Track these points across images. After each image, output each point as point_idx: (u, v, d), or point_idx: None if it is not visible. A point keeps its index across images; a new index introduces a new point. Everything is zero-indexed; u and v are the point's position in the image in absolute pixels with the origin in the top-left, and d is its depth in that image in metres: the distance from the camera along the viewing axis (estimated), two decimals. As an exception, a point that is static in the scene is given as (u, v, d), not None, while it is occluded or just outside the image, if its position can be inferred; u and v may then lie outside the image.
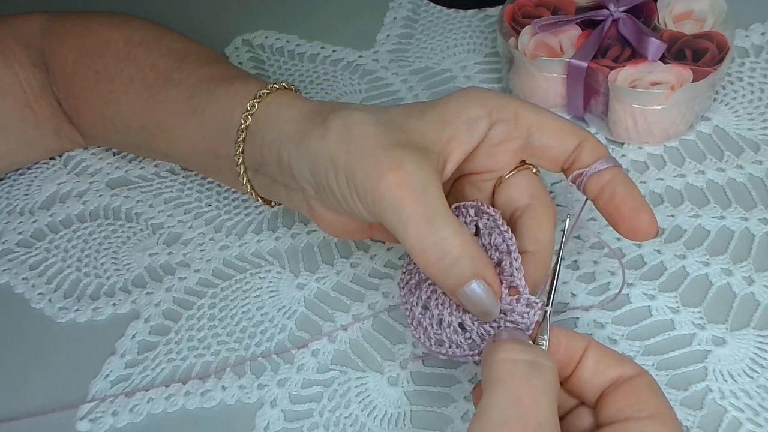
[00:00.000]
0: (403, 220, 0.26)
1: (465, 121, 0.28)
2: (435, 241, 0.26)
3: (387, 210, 0.26)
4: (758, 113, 0.41)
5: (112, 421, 0.33)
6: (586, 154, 0.29)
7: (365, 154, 0.27)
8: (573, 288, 0.35)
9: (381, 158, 0.26)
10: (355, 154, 0.27)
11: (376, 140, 0.27)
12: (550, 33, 0.41)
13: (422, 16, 0.52)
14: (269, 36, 0.52)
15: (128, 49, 0.38)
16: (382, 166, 0.26)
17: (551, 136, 0.29)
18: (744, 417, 0.29)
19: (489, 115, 0.29)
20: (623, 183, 0.28)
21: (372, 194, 0.26)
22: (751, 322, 0.32)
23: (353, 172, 0.27)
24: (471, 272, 0.26)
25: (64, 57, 0.40)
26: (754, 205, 0.37)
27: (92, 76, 0.39)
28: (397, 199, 0.26)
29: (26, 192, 0.44)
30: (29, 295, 0.39)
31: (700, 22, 0.41)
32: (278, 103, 0.31)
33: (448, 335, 0.28)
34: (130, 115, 0.38)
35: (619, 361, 0.25)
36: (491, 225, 0.28)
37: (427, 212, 0.26)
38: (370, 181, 0.26)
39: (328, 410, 0.32)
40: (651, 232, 0.28)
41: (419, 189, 0.26)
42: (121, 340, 0.36)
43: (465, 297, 0.26)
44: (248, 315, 0.36)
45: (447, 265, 0.26)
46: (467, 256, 0.26)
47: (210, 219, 0.41)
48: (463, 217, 0.29)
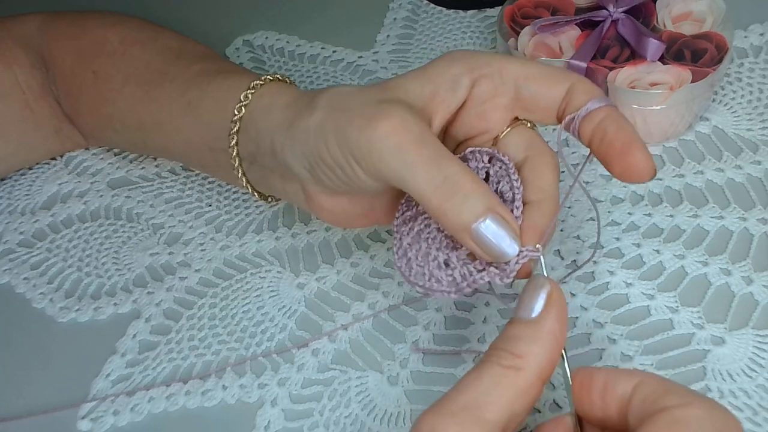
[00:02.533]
0: (407, 163, 0.25)
1: (447, 79, 0.28)
2: (445, 177, 0.25)
3: (388, 159, 0.25)
4: (757, 114, 0.41)
5: (113, 421, 0.33)
6: (578, 97, 0.27)
7: (353, 115, 0.27)
8: (573, 288, 0.35)
9: (370, 112, 0.26)
10: (343, 117, 0.27)
11: (362, 101, 0.27)
12: (550, 33, 0.41)
13: (422, 16, 0.52)
14: (270, 37, 0.52)
15: (124, 48, 0.38)
16: (374, 118, 0.26)
17: (539, 84, 0.28)
18: (743, 416, 0.30)
19: (471, 71, 0.28)
20: (615, 120, 0.26)
21: (369, 149, 0.26)
22: (749, 321, 0.32)
23: (345, 134, 0.27)
24: (484, 206, 0.25)
25: (62, 58, 0.40)
26: (753, 205, 0.37)
27: (90, 77, 0.39)
28: (396, 145, 0.25)
29: (27, 192, 0.44)
30: (30, 294, 0.39)
31: (699, 23, 0.41)
32: (271, 94, 0.32)
33: (430, 269, 0.27)
34: (127, 114, 0.38)
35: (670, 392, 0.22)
36: (502, 173, 0.28)
37: (430, 153, 0.25)
38: (364, 136, 0.26)
39: (329, 409, 0.32)
40: (646, 172, 0.25)
41: (417, 133, 0.26)
42: (122, 340, 0.36)
43: (479, 235, 0.25)
44: (249, 314, 0.36)
45: (459, 201, 0.25)
46: (479, 191, 0.25)
47: (211, 219, 0.41)
48: (476, 162, 0.29)
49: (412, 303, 0.35)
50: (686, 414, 0.21)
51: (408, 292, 0.36)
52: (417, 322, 0.35)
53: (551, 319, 0.23)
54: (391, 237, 0.38)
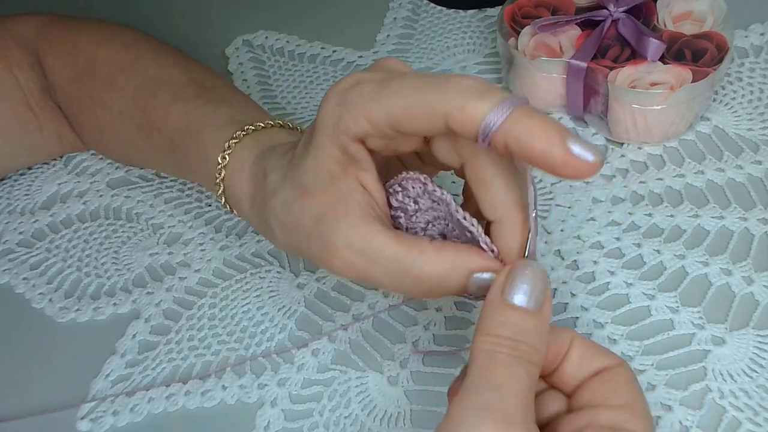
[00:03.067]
0: (377, 285, 0.27)
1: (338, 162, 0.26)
2: (415, 284, 0.26)
3: (355, 280, 0.28)
4: (757, 113, 0.41)
5: (112, 421, 0.33)
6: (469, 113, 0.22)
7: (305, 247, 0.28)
8: (572, 288, 0.35)
9: (316, 248, 0.27)
10: (300, 246, 0.28)
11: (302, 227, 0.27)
12: (550, 33, 0.41)
13: (422, 16, 0.52)
14: (269, 36, 0.52)
15: (112, 76, 0.38)
16: (325, 258, 0.27)
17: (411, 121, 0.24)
18: (743, 417, 0.30)
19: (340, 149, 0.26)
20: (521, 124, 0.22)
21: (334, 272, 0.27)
22: (750, 321, 0.32)
23: (309, 258, 0.28)
24: (463, 274, 0.25)
25: (59, 73, 0.40)
26: (754, 205, 0.37)
27: (87, 101, 0.39)
28: (358, 278, 0.27)
29: (27, 192, 0.44)
30: (30, 295, 0.39)
31: (700, 23, 0.41)
32: (233, 178, 0.32)
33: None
34: (132, 149, 0.39)
35: (602, 353, 0.25)
36: (420, 191, 0.27)
37: (387, 271, 0.26)
38: (327, 268, 0.27)
39: (328, 410, 0.32)
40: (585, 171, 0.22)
41: (364, 254, 0.26)
42: (122, 340, 0.36)
43: (477, 289, 0.25)
44: (248, 315, 0.36)
45: (440, 288, 0.26)
46: (448, 268, 0.25)
47: (210, 219, 0.41)
48: (396, 195, 0.27)
49: (412, 303, 0.35)
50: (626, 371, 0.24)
51: (408, 292, 0.36)
52: (417, 322, 0.35)
53: (548, 311, 0.24)
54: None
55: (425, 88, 0.23)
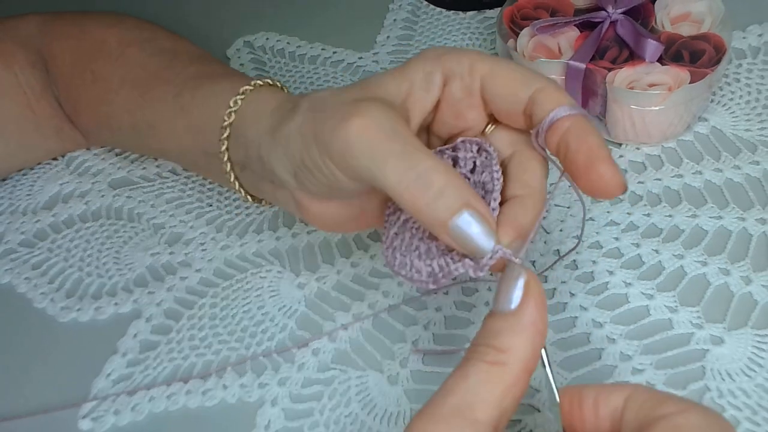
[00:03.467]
0: (378, 161, 0.25)
1: (421, 77, 0.28)
2: (417, 174, 0.24)
3: (359, 157, 0.25)
4: (755, 114, 0.41)
5: (113, 420, 0.33)
6: (542, 104, 0.26)
7: (328, 115, 0.26)
8: (571, 287, 0.35)
9: (344, 112, 0.26)
10: (319, 118, 0.27)
11: (338, 101, 0.27)
12: (549, 35, 0.41)
13: (422, 17, 0.52)
14: (270, 38, 0.52)
15: (121, 50, 0.38)
16: (346, 117, 0.25)
17: (501, 85, 0.27)
18: (742, 416, 0.30)
19: (443, 70, 0.27)
20: (578, 132, 0.25)
21: (342, 148, 0.25)
22: (748, 321, 0.32)
23: (321, 135, 0.26)
24: (459, 202, 0.24)
25: (61, 58, 0.40)
26: (752, 206, 0.37)
27: (88, 77, 0.39)
28: (367, 142, 0.25)
29: (29, 192, 0.44)
30: (31, 294, 0.39)
31: (698, 24, 0.41)
32: (259, 99, 0.31)
33: (411, 259, 0.27)
34: (123, 115, 0.38)
35: (664, 401, 0.22)
36: (486, 163, 0.27)
37: (402, 148, 0.25)
38: (337, 136, 0.25)
39: (329, 409, 0.32)
40: (613, 187, 0.24)
41: (389, 129, 0.25)
42: (123, 340, 0.36)
43: (456, 231, 0.24)
44: (249, 314, 0.36)
45: (433, 197, 0.24)
46: (453, 185, 0.24)
47: (211, 219, 0.41)
48: (465, 152, 0.28)
49: (412, 303, 0.35)
50: (685, 420, 0.21)
51: (408, 292, 0.36)
52: (417, 322, 0.35)
53: (530, 308, 0.22)
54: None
55: (528, 71, 0.27)
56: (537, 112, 0.26)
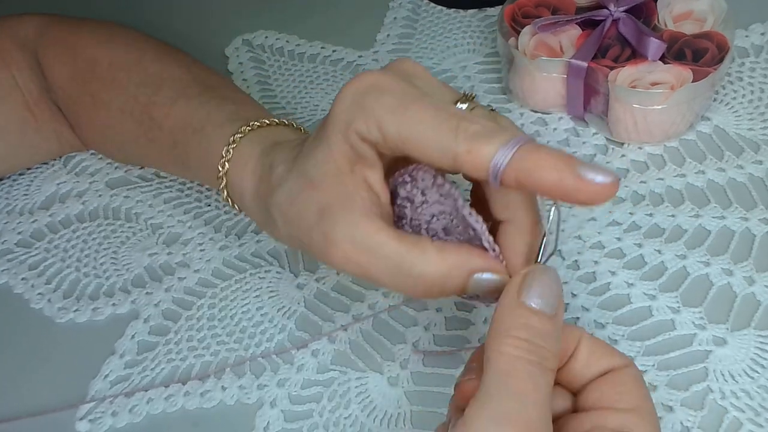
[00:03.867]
0: (376, 282, 0.26)
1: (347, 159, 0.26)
2: (414, 283, 0.25)
3: (354, 274, 0.26)
4: (758, 113, 0.41)
5: (111, 422, 0.33)
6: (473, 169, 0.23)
7: (307, 240, 0.27)
8: (573, 288, 0.35)
9: (317, 240, 0.26)
10: (302, 239, 0.28)
11: (305, 220, 0.27)
12: (550, 33, 0.41)
13: (422, 16, 0.52)
14: (269, 36, 0.52)
15: (112, 75, 0.38)
16: (324, 250, 0.26)
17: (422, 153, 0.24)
18: (745, 417, 0.29)
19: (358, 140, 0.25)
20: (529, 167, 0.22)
21: (334, 268, 0.27)
22: (751, 322, 0.32)
23: (310, 254, 0.28)
24: (464, 274, 0.25)
25: (58, 71, 0.40)
26: (755, 205, 0.37)
27: (87, 100, 0.39)
28: (357, 273, 0.26)
29: (26, 192, 0.44)
30: (29, 295, 0.39)
31: (700, 22, 0.40)
32: (237, 170, 0.32)
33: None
34: (130, 148, 0.39)
35: (611, 353, 0.24)
36: (429, 184, 0.26)
37: (387, 268, 0.25)
38: (327, 262, 0.27)
39: (328, 410, 0.32)
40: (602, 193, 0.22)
41: (365, 249, 0.25)
42: (121, 341, 0.36)
43: (477, 290, 0.25)
44: (248, 315, 0.36)
45: (440, 288, 0.25)
46: (450, 267, 0.25)
47: (209, 219, 0.41)
48: (425, 181, 0.27)
49: (413, 303, 0.35)
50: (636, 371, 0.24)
51: (408, 293, 0.36)
52: (417, 323, 0.34)
53: (562, 315, 0.24)
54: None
55: (439, 125, 0.24)
56: (474, 173, 0.24)
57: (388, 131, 0.24)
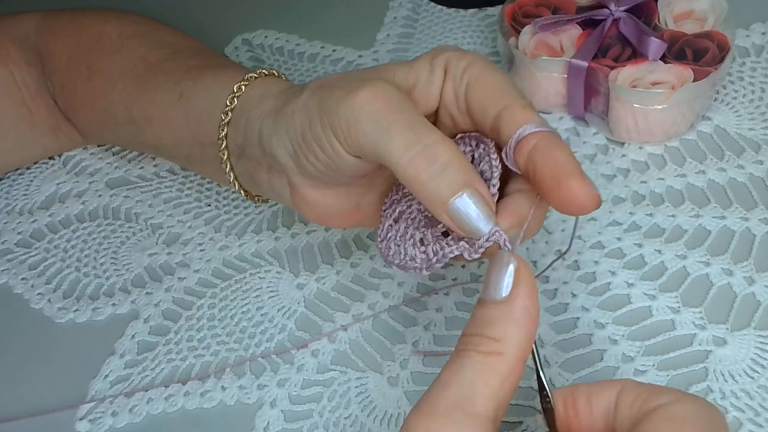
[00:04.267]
0: (383, 131, 0.24)
1: (427, 71, 0.28)
2: (424, 146, 0.24)
3: (365, 127, 0.25)
4: (759, 113, 0.41)
5: (111, 422, 0.33)
6: (508, 121, 0.25)
7: (336, 89, 0.26)
8: (573, 288, 0.35)
9: (352, 85, 0.26)
10: (326, 92, 0.27)
11: (347, 77, 0.27)
12: (551, 32, 0.41)
13: (422, 15, 0.52)
14: (269, 36, 0.52)
15: (121, 42, 0.38)
16: (354, 89, 0.25)
17: (476, 95, 0.26)
18: (745, 417, 0.29)
19: (444, 67, 0.28)
20: (544, 148, 0.24)
21: (347, 118, 0.25)
22: (751, 322, 0.32)
23: (326, 107, 0.26)
24: (462, 179, 0.24)
25: (59, 55, 0.40)
26: (755, 205, 0.37)
27: (84, 72, 0.39)
28: (374, 112, 0.25)
29: (25, 192, 0.44)
30: (28, 295, 0.39)
31: (701, 22, 0.40)
32: (264, 85, 0.31)
33: (405, 247, 0.27)
34: (119, 108, 0.38)
35: (656, 393, 0.22)
36: (484, 154, 0.27)
37: (410, 120, 0.25)
38: (343, 106, 0.25)
39: (328, 410, 0.32)
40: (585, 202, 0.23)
41: (396, 102, 0.25)
42: (121, 341, 0.36)
43: (456, 211, 0.24)
44: (248, 315, 0.36)
45: (437, 171, 0.24)
46: (458, 163, 0.24)
47: (209, 219, 0.41)
48: (464, 146, 0.28)
49: (413, 303, 0.35)
50: (680, 409, 0.21)
51: (408, 293, 0.36)
52: (417, 323, 0.34)
53: (521, 295, 0.22)
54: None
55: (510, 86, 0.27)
56: (503, 129, 0.25)
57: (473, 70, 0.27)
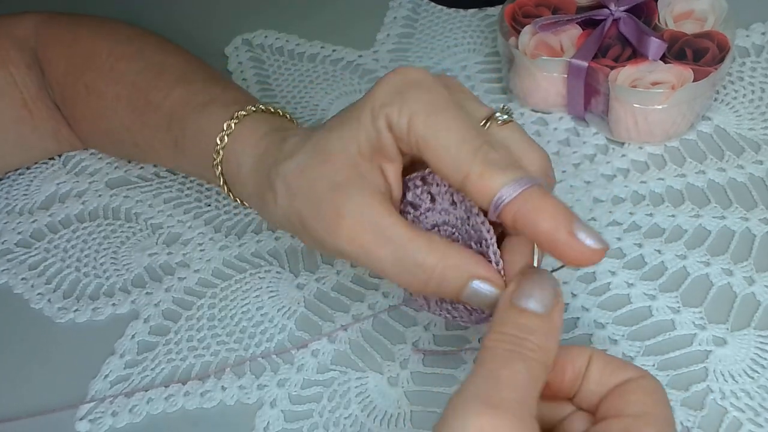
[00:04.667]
0: (375, 266, 0.26)
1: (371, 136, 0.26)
2: (414, 272, 0.25)
3: (358, 261, 0.27)
4: (759, 113, 0.41)
5: (111, 422, 0.33)
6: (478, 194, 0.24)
7: (314, 213, 0.27)
8: (573, 288, 0.35)
9: (328, 216, 0.26)
10: (305, 214, 0.27)
11: (317, 192, 0.27)
12: (551, 32, 0.41)
13: (422, 15, 0.52)
14: (269, 35, 0.52)
15: (111, 63, 0.38)
16: (333, 227, 0.26)
17: (433, 163, 0.25)
18: (745, 417, 0.29)
19: (385, 124, 0.26)
20: (527, 216, 0.23)
21: (334, 249, 0.27)
22: (751, 322, 0.32)
23: (312, 236, 0.28)
24: (464, 277, 0.25)
25: (55, 65, 0.40)
26: (755, 205, 0.37)
27: (82, 90, 0.39)
28: (359, 254, 0.26)
29: (25, 192, 0.44)
30: (28, 295, 0.39)
31: (701, 22, 0.40)
32: (240, 141, 0.32)
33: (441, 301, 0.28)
34: (123, 133, 0.39)
35: (624, 367, 0.24)
36: (443, 190, 0.27)
37: (392, 251, 0.26)
38: (331, 245, 0.27)
39: (328, 410, 0.32)
40: (590, 258, 0.23)
41: (374, 229, 0.26)
42: (121, 341, 0.36)
43: (469, 298, 0.26)
44: (248, 315, 0.36)
45: (437, 284, 0.25)
46: (451, 266, 0.25)
47: (209, 219, 0.41)
48: (438, 186, 0.28)
49: (412, 303, 0.35)
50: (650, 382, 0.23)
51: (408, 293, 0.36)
52: (417, 323, 0.34)
53: (558, 314, 0.23)
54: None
55: (462, 139, 0.24)
56: (476, 201, 0.25)
57: (415, 128, 0.25)
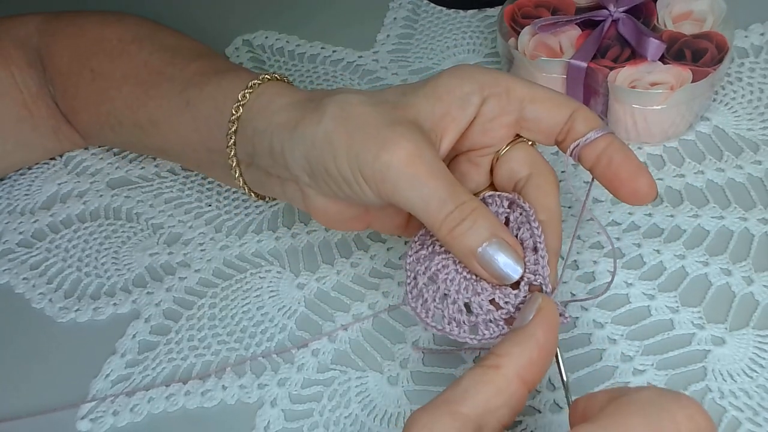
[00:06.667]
0: (422, 194, 0.26)
1: (458, 97, 0.29)
2: (456, 206, 0.26)
3: (402, 188, 0.27)
4: (757, 113, 0.41)
5: (112, 421, 0.33)
6: (579, 124, 0.29)
7: (367, 135, 0.27)
8: (573, 288, 0.35)
9: (385, 137, 0.27)
10: (355, 135, 0.27)
11: (375, 120, 0.27)
12: (550, 33, 0.41)
13: (422, 16, 0.52)
14: (269, 36, 0.52)
15: (122, 47, 0.38)
16: (388, 144, 0.27)
17: (543, 108, 0.29)
18: (743, 416, 0.30)
19: (481, 90, 0.29)
20: (619, 149, 0.28)
21: (383, 175, 0.27)
22: (750, 321, 0.32)
23: (356, 153, 0.27)
24: (489, 231, 0.26)
25: (59, 57, 0.40)
26: (754, 205, 0.37)
27: (87, 75, 0.39)
28: (412, 175, 0.26)
29: (27, 192, 0.44)
30: (30, 295, 0.39)
31: (700, 23, 0.41)
32: (270, 93, 0.32)
33: (450, 312, 0.28)
34: (124, 112, 0.38)
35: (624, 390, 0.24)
36: (522, 219, 0.29)
37: (444, 184, 0.27)
38: (379, 162, 0.27)
39: (328, 410, 0.32)
40: (651, 195, 0.28)
41: (431, 163, 0.27)
42: (122, 340, 0.36)
43: (484, 259, 0.27)
44: (248, 315, 0.36)
45: (466, 227, 0.26)
46: (485, 218, 0.27)
47: (210, 219, 0.41)
48: (496, 207, 0.30)
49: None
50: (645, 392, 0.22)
51: (408, 292, 0.36)
52: (417, 322, 0.35)
53: (537, 325, 0.25)
54: (391, 237, 0.38)
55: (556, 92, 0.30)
56: (574, 129, 0.29)
57: (516, 90, 0.29)
